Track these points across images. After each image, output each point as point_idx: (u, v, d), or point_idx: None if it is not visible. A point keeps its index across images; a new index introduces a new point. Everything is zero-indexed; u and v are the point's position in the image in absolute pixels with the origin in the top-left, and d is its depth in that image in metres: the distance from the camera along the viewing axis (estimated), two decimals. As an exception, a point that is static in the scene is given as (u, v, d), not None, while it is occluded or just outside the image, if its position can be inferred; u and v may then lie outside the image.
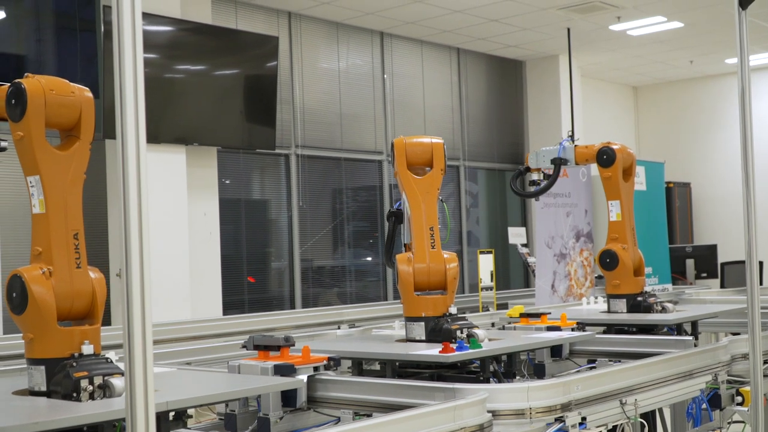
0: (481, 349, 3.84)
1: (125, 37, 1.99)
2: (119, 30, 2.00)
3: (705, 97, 15.73)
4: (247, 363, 3.56)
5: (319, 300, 10.89)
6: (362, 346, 4.32)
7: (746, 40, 3.99)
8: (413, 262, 4.31)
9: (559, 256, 9.64)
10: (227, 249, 9.70)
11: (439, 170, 4.54)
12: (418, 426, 2.76)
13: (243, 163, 10.28)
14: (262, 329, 6.13)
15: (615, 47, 13.12)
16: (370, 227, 11.69)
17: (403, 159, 4.56)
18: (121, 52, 2.00)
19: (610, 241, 5.62)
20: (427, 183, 4.53)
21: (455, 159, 12.72)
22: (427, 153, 4.59)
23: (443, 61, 12.65)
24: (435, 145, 4.60)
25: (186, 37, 9.04)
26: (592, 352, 4.68)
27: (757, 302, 3.87)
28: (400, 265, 4.36)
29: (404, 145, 4.61)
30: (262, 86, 9.65)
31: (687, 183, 15.47)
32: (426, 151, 4.59)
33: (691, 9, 11.13)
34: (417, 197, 4.49)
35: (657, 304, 5.31)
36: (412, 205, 4.48)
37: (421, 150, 4.60)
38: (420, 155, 4.58)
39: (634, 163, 5.76)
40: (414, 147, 4.60)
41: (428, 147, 4.59)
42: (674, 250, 11.77)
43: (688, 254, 11.74)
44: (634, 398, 3.49)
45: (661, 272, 10.64)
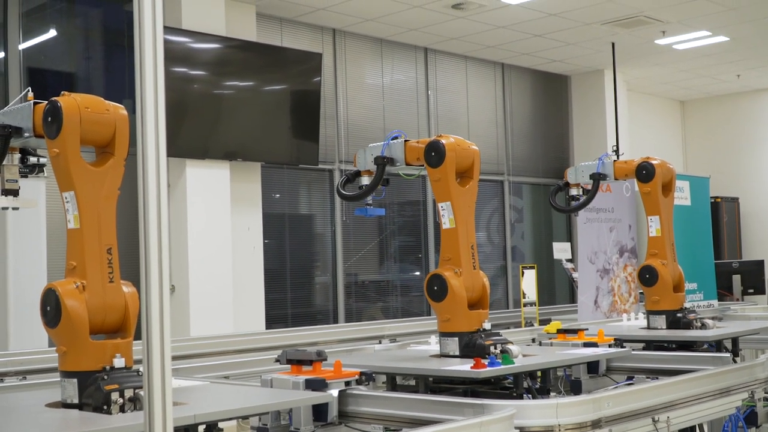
0: (513, 365, 3.81)
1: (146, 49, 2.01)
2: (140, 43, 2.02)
3: (752, 111, 15.50)
4: (279, 377, 3.57)
5: (362, 314, 10.89)
6: (395, 362, 4.31)
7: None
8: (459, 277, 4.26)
9: (602, 271, 9.54)
10: (271, 263, 9.74)
11: (476, 182, 4.46)
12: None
13: (287, 178, 10.33)
14: (303, 344, 6.15)
15: (661, 61, 12.99)
16: (414, 242, 11.67)
17: (452, 164, 4.42)
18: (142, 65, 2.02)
19: (649, 257, 5.55)
20: (469, 195, 4.45)
21: (500, 174, 12.67)
22: (469, 158, 4.49)
23: (487, 76, 12.62)
24: (476, 153, 4.50)
25: (232, 55, 9.14)
26: (630, 369, 4.63)
27: (796, 319, 3.80)
28: (450, 281, 4.23)
29: (455, 148, 4.46)
30: (307, 102, 9.71)
31: (735, 198, 15.24)
32: (468, 156, 4.48)
33: (735, 23, 11.00)
34: (463, 210, 4.38)
35: (697, 321, 5.23)
36: (458, 220, 4.34)
37: (465, 155, 4.47)
38: (464, 161, 4.46)
39: (674, 178, 5.70)
40: (462, 152, 4.47)
41: (471, 153, 4.48)
42: (720, 265, 11.59)
43: (735, 270, 11.55)
44: (666, 416, 3.44)
45: (706, 288, 10.48)
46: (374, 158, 4.87)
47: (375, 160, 4.87)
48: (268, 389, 3.54)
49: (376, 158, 4.87)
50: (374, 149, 4.92)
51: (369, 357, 4.71)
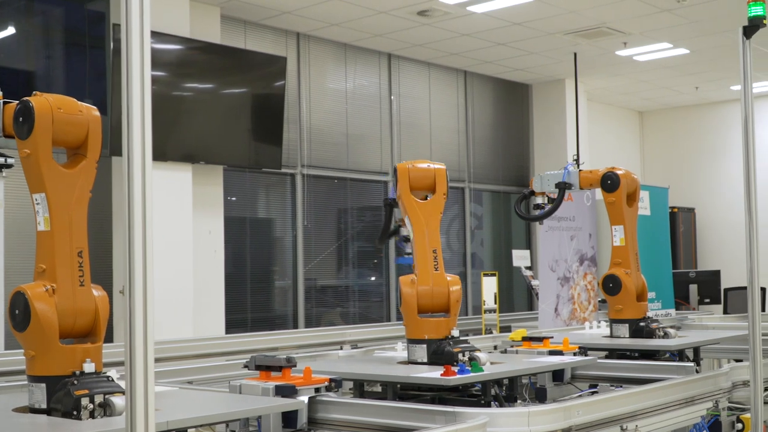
0: (482, 372, 3.83)
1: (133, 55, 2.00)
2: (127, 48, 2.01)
3: (710, 123, 15.73)
4: (248, 383, 3.56)
5: (322, 319, 10.87)
6: (364, 368, 4.31)
7: (750, 68, 4.00)
8: (416, 284, 4.30)
9: (563, 279, 9.62)
10: (231, 267, 9.70)
11: (441, 195, 4.55)
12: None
13: (249, 182, 10.29)
14: (265, 348, 6.12)
15: (621, 72, 13.14)
16: (374, 248, 11.68)
17: (406, 184, 4.56)
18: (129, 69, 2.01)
19: (613, 266, 5.61)
20: (429, 207, 4.53)
21: (460, 181, 12.72)
22: (430, 178, 4.59)
23: (450, 83, 12.68)
24: (438, 171, 4.61)
25: (194, 56, 9.08)
26: (593, 377, 4.67)
27: (758, 329, 3.86)
28: (403, 287, 4.35)
29: (407, 170, 4.61)
30: (270, 106, 9.68)
31: (691, 208, 15.45)
32: (428, 176, 4.60)
33: (696, 36, 11.15)
34: (420, 221, 4.49)
35: (659, 330, 5.29)
36: (416, 229, 4.47)
37: (423, 175, 4.60)
38: (423, 180, 4.59)
39: (638, 189, 5.76)
40: (417, 172, 4.61)
41: (431, 173, 4.60)
42: (678, 275, 11.73)
43: (692, 279, 11.70)
44: (635, 424, 3.48)
45: (664, 297, 10.60)
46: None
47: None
48: (238, 395, 3.52)
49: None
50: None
51: (336, 363, 4.71)
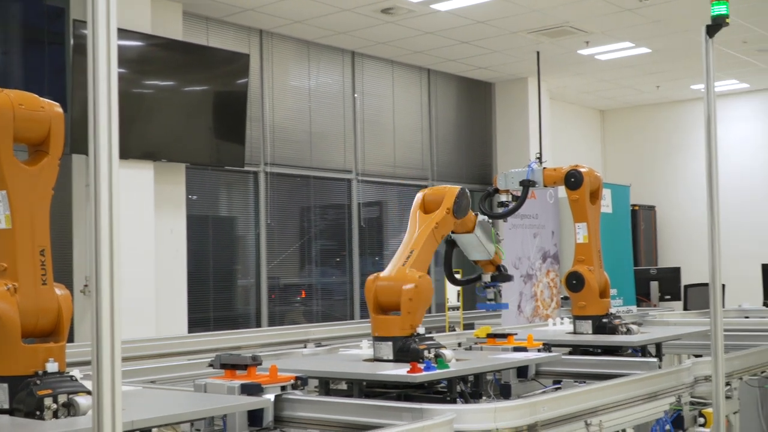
0: (448, 369, 3.84)
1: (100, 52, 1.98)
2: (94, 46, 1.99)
3: (670, 121, 15.90)
4: (213, 382, 3.54)
5: (285, 318, 10.85)
6: (330, 366, 4.31)
7: (712, 67, 4.05)
8: (376, 281, 4.29)
9: (526, 276, 9.68)
10: (194, 266, 9.64)
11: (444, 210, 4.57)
12: (385, 446, 2.75)
13: (211, 180, 10.25)
14: (228, 347, 6.09)
15: (583, 71, 13.24)
16: (338, 246, 11.68)
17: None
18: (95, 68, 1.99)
19: (576, 263, 5.64)
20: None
21: (424, 179, 12.75)
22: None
23: (413, 81, 12.70)
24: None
25: (156, 53, 9.02)
26: (557, 373, 4.70)
27: (720, 325, 3.91)
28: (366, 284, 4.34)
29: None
30: (232, 103, 9.64)
31: (652, 206, 15.61)
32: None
33: (658, 35, 11.26)
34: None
35: (622, 326, 5.34)
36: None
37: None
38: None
39: (601, 186, 5.80)
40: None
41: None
42: (639, 272, 11.85)
43: (653, 276, 11.83)
44: (599, 419, 3.51)
45: (625, 294, 10.71)
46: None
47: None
48: (203, 394, 3.50)
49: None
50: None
51: (302, 361, 4.70)
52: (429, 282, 4.28)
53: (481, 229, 5.01)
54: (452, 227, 4.70)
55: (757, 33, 11.18)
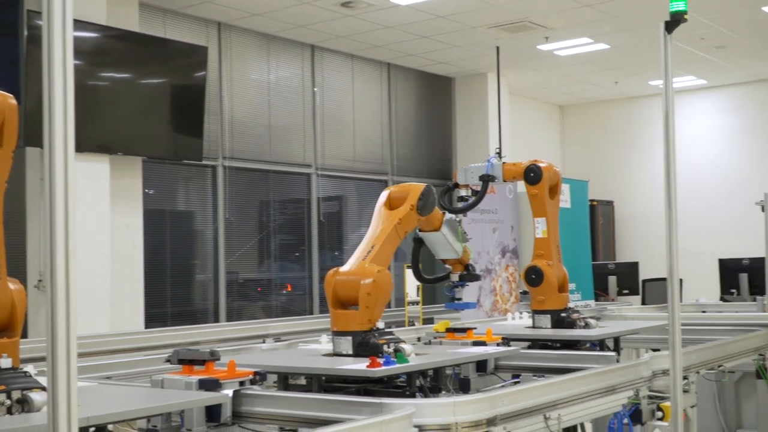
0: (407, 363, 3.85)
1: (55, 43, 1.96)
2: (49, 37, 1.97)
3: (629, 117, 16.06)
4: (170, 377, 3.51)
5: (244, 313, 10.81)
6: (289, 361, 4.29)
7: (671, 63, 4.09)
8: (336, 275, 4.29)
9: (485, 271, 9.72)
10: (150, 261, 9.57)
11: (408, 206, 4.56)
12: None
13: (169, 174, 10.17)
14: (186, 343, 6.05)
15: (542, 66, 13.32)
16: (297, 241, 11.65)
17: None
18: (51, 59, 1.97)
19: (535, 258, 5.67)
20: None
21: (383, 174, 12.76)
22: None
23: (373, 75, 12.70)
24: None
25: (112, 44, 8.93)
26: (516, 367, 4.72)
27: (677, 319, 3.96)
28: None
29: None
30: (190, 96, 9.57)
31: (610, 201, 15.76)
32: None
33: (617, 31, 11.36)
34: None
35: (580, 320, 5.37)
36: None
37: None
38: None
39: (560, 181, 5.83)
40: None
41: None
42: (597, 267, 11.96)
43: (611, 271, 11.94)
44: (557, 413, 3.54)
45: (584, 289, 10.80)
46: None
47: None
48: (160, 390, 3.48)
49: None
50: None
51: (260, 356, 4.68)
52: (388, 276, 4.28)
53: (449, 228, 5.02)
54: (416, 224, 4.70)
55: (715, 30, 11.32)
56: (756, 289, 9.49)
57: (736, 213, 14.41)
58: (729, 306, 8.81)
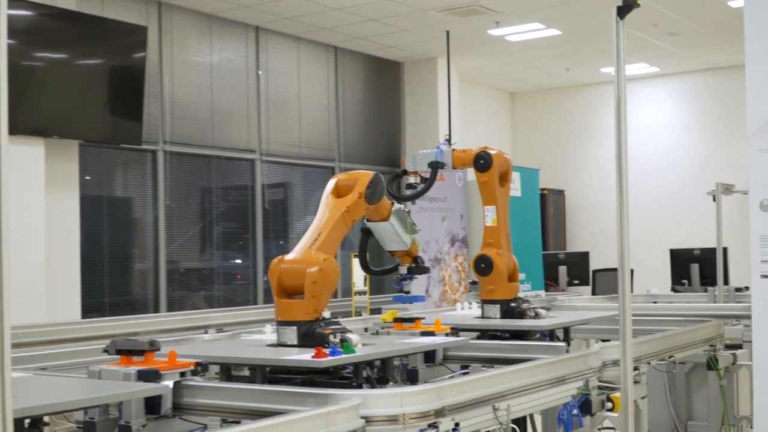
0: (354, 354, 3.85)
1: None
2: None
3: (580, 105, 16.21)
4: (108, 368, 3.48)
5: (185, 303, 10.74)
6: (231, 351, 4.28)
7: (623, 50, 4.13)
8: (280, 263, 4.28)
9: (434, 260, 9.76)
10: (88, 249, 9.47)
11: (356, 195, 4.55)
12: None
13: (106, 158, 10.06)
14: (124, 333, 6.00)
15: (493, 52, 13.39)
16: (241, 229, 11.60)
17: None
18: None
19: (485, 246, 5.70)
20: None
21: (330, 160, 12.74)
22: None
23: (320, 59, 12.67)
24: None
25: (47, 23, 8.81)
26: (465, 358, 4.75)
27: (628, 309, 4.01)
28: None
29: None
30: (129, 78, 9.48)
31: (561, 190, 15.91)
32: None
33: (569, 17, 11.45)
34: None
35: (530, 310, 5.41)
36: None
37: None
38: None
39: (511, 169, 5.86)
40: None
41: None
42: (547, 256, 12.07)
43: (561, 261, 12.05)
44: (506, 404, 3.57)
45: (534, 279, 10.90)
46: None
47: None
48: (97, 381, 3.45)
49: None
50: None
51: (202, 347, 4.66)
52: (335, 265, 4.27)
53: (397, 218, 5.01)
54: (364, 213, 4.70)
55: (668, 16, 11.46)
56: (707, 279, 9.65)
57: (687, 203, 14.64)
58: (680, 297, 8.96)
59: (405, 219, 5.07)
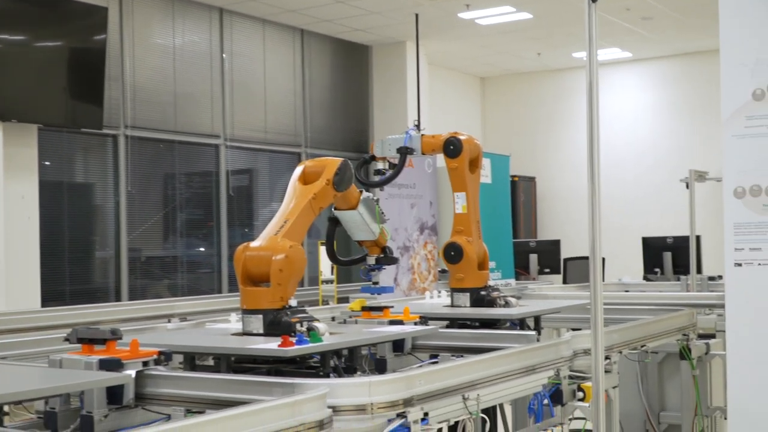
0: (321, 343, 3.86)
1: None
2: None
3: (550, 90, 16.27)
4: (69, 357, 3.47)
5: (147, 292, 10.69)
6: (195, 340, 4.27)
7: (595, 34, 4.14)
8: (246, 251, 4.27)
9: (403, 248, 9.78)
10: (47, 236, 9.41)
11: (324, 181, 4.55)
12: (255, 423, 2.74)
13: (66, 143, 9.98)
14: (86, 322, 5.98)
15: (463, 36, 13.39)
16: (204, 216, 11.55)
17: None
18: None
19: (454, 234, 5.72)
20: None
21: (296, 146, 12.71)
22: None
23: (286, 42, 12.62)
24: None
25: (4, 4, 8.75)
26: (434, 347, 4.76)
27: (599, 298, 4.03)
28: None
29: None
30: (89, 60, 9.41)
31: (532, 177, 15.97)
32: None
33: (540, 0, 11.48)
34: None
35: (500, 299, 5.44)
36: None
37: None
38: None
39: (481, 155, 5.88)
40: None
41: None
42: (518, 244, 12.13)
43: (532, 249, 12.12)
44: (476, 393, 3.59)
45: (504, 267, 10.96)
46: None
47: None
48: (58, 370, 3.43)
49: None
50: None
51: (165, 336, 4.65)
52: (301, 252, 4.27)
53: (365, 207, 5.01)
54: (332, 200, 4.69)
55: (641, 0, 11.51)
56: (680, 268, 9.73)
57: (660, 190, 14.75)
58: (652, 285, 9.03)
59: (374, 208, 5.07)
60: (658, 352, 6.18)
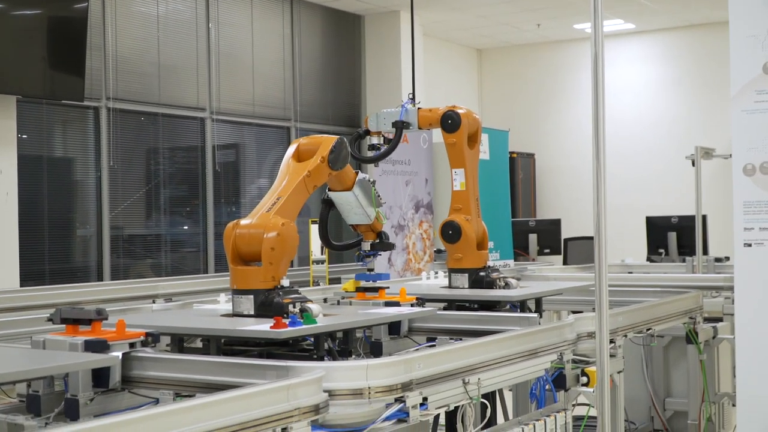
0: (316, 324, 3.86)
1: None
2: None
3: (551, 63, 16.22)
4: (53, 338, 3.46)
5: (130, 272, 10.68)
6: (184, 321, 4.26)
7: (601, 4, 4.13)
8: (236, 228, 4.26)
9: (397, 227, 9.78)
10: (26, 212, 9.38)
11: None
12: (248, 407, 2.74)
13: (46, 116, 9.94)
14: (68, 302, 5.98)
15: (459, 6, 13.34)
16: (190, 193, 11.53)
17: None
18: None
19: (452, 212, 5.71)
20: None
21: (286, 120, 12.68)
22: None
23: (275, 11, 12.56)
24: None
25: (-20, -31, 8.67)
26: (431, 330, 4.77)
27: (604, 279, 4.02)
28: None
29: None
30: (69, 29, 9.36)
31: (531, 153, 15.95)
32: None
33: (541, -32, 11.45)
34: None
35: (500, 280, 5.44)
36: None
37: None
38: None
39: (480, 130, 5.86)
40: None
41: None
42: (517, 224, 12.13)
43: (531, 229, 12.13)
44: (477, 377, 3.59)
45: (503, 247, 10.96)
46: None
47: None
48: (41, 351, 3.43)
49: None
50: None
51: (152, 316, 4.64)
52: (294, 230, 4.26)
53: (361, 189, 4.97)
54: (326, 179, 4.66)
55: (645, -30, 11.50)
56: (685, 249, 9.74)
57: (664, 168, 14.74)
58: (657, 267, 9.05)
59: (370, 190, 5.03)
60: (663, 336, 6.20)
